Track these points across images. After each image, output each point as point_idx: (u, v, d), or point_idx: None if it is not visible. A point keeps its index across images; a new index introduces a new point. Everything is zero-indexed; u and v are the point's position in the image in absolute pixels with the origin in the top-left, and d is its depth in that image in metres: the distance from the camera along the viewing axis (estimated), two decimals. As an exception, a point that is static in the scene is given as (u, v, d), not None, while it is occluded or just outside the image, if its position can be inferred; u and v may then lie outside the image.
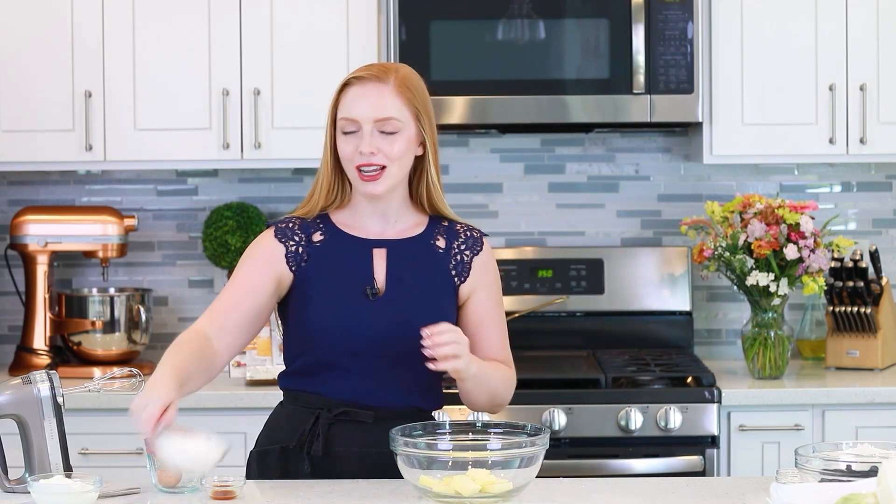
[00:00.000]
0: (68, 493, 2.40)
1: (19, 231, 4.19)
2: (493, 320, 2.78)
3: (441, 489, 2.41)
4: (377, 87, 2.67)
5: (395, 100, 2.67)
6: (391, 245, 2.73)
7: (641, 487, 2.64)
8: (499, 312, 2.80)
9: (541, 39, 4.00)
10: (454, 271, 2.75)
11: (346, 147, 2.69)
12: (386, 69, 2.70)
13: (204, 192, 4.44)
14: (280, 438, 2.75)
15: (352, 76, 2.71)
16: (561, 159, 4.44)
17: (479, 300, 2.77)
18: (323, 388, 2.72)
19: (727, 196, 4.33)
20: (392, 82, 2.68)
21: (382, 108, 2.66)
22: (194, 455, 2.46)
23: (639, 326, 4.32)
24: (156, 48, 4.05)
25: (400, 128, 2.67)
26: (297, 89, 4.06)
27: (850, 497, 2.16)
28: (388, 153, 2.66)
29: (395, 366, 2.69)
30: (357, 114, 2.67)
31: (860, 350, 4.13)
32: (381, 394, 2.69)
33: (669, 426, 3.76)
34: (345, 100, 2.70)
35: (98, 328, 4.14)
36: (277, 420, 2.82)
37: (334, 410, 2.69)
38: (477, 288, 2.77)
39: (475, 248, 2.78)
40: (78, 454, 3.74)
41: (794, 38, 4.05)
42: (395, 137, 2.67)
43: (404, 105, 2.68)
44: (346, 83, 2.71)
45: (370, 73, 2.69)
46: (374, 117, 2.66)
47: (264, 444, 2.80)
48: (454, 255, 2.77)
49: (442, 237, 2.78)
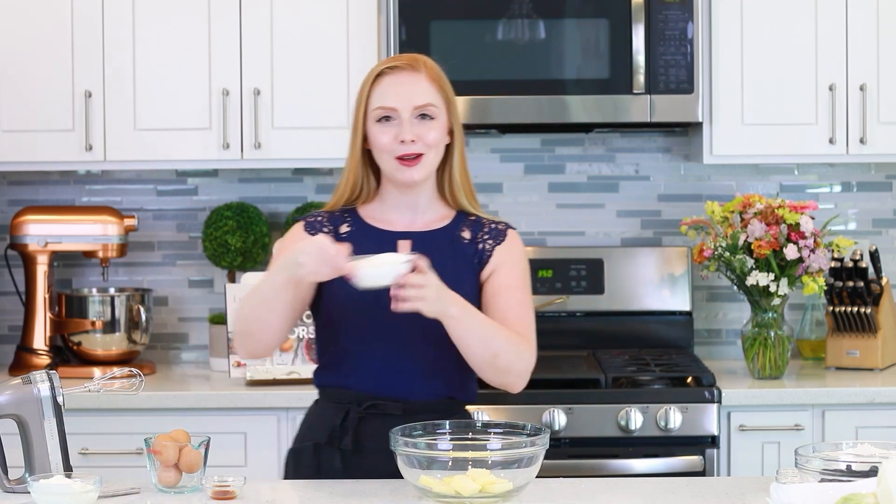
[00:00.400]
0: (68, 493, 2.40)
1: (19, 231, 4.19)
2: (510, 294, 2.75)
3: (441, 489, 2.42)
4: (412, 75, 2.72)
5: (429, 86, 2.72)
6: (416, 236, 2.75)
7: (641, 487, 2.64)
8: (518, 289, 2.77)
9: (541, 39, 4.00)
10: (476, 259, 2.76)
11: (383, 137, 2.71)
12: (415, 59, 2.75)
13: (204, 192, 4.44)
14: (313, 435, 2.76)
15: (384, 66, 2.74)
16: (561, 159, 4.44)
17: (499, 278, 2.76)
18: (352, 381, 2.73)
19: (727, 196, 4.33)
20: (423, 70, 2.73)
21: (420, 94, 2.71)
22: (387, 259, 2.54)
23: (639, 326, 4.32)
24: (156, 48, 4.05)
25: (436, 114, 2.72)
26: (297, 89, 4.06)
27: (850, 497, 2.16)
28: (426, 140, 2.70)
29: (422, 355, 2.70)
30: (395, 101, 2.70)
31: (860, 350, 4.13)
32: (408, 385, 2.69)
33: (669, 426, 3.76)
34: (379, 89, 2.72)
35: (98, 328, 4.14)
36: (311, 418, 2.83)
37: (363, 404, 2.70)
38: (497, 269, 2.77)
39: (498, 239, 2.79)
40: (78, 454, 3.74)
41: (794, 38, 4.05)
42: (432, 124, 2.71)
43: (437, 92, 2.73)
44: (379, 73, 2.73)
45: (402, 62, 2.74)
46: (414, 104, 2.70)
47: (299, 442, 2.81)
48: (477, 244, 2.78)
49: (468, 229, 2.80)
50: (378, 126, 2.72)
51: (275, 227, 4.38)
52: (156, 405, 3.81)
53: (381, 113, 2.71)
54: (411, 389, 2.71)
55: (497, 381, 2.72)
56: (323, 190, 4.41)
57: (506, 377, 2.71)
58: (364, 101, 2.73)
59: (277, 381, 3.93)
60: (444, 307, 2.59)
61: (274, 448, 3.81)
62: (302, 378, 3.91)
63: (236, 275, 4.28)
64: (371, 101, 2.72)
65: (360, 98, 2.74)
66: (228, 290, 4.05)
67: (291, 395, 3.81)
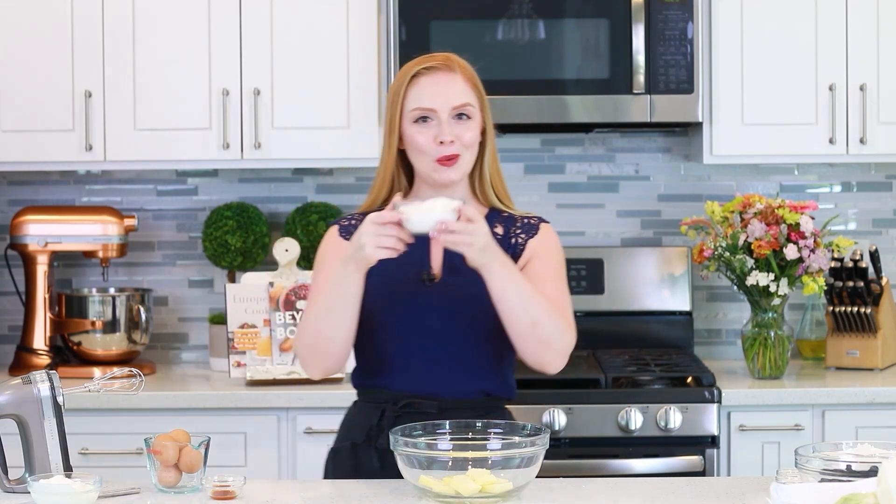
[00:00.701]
0: (68, 493, 2.40)
1: (19, 231, 4.19)
2: (544, 284, 2.71)
3: (441, 489, 2.41)
4: (448, 75, 2.73)
5: (465, 86, 2.74)
6: None
7: (641, 487, 2.64)
8: (552, 280, 2.74)
9: (541, 39, 4.00)
10: (510, 253, 2.74)
11: (421, 137, 2.71)
12: (449, 58, 2.76)
13: (204, 192, 4.44)
14: (351, 435, 2.76)
15: (420, 67, 2.73)
16: (561, 159, 4.44)
17: (533, 267, 2.75)
18: (388, 380, 2.73)
19: (727, 196, 4.33)
20: (459, 70, 2.74)
21: (457, 94, 2.72)
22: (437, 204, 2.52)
23: (639, 326, 4.32)
24: (156, 48, 4.05)
25: (473, 113, 2.73)
26: (297, 89, 4.06)
27: (850, 497, 2.16)
28: (464, 140, 2.71)
29: (457, 352, 2.70)
30: (433, 102, 2.70)
31: (860, 350, 4.13)
32: (444, 382, 2.68)
33: (669, 426, 3.76)
34: (415, 91, 2.72)
35: (98, 328, 4.14)
36: (350, 418, 2.83)
37: (399, 403, 2.70)
38: (532, 258, 2.76)
39: (531, 232, 2.79)
40: (78, 454, 3.74)
41: (794, 38, 4.05)
42: (469, 124, 2.72)
43: (472, 91, 2.75)
44: (415, 74, 2.73)
45: (437, 62, 2.74)
46: (452, 104, 2.71)
47: (338, 442, 2.82)
48: (510, 239, 2.77)
49: (500, 225, 2.79)
50: (415, 126, 2.71)
51: (275, 227, 4.38)
52: (156, 405, 3.81)
53: (419, 114, 2.70)
54: (447, 387, 2.69)
55: (536, 358, 2.67)
56: (323, 190, 4.41)
57: (545, 352, 2.66)
58: (400, 101, 2.72)
59: (277, 381, 3.93)
60: (489, 258, 2.56)
61: (274, 448, 3.81)
62: (302, 378, 3.91)
63: (236, 275, 4.28)
64: (407, 101, 2.71)
65: (396, 98, 2.73)
66: (228, 290, 4.05)
67: (291, 395, 3.82)
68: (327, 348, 2.67)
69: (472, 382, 2.73)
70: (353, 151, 4.05)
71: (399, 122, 2.73)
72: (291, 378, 3.93)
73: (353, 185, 4.42)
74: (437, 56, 2.77)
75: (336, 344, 2.67)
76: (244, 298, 4.03)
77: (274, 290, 4.01)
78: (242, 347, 4.01)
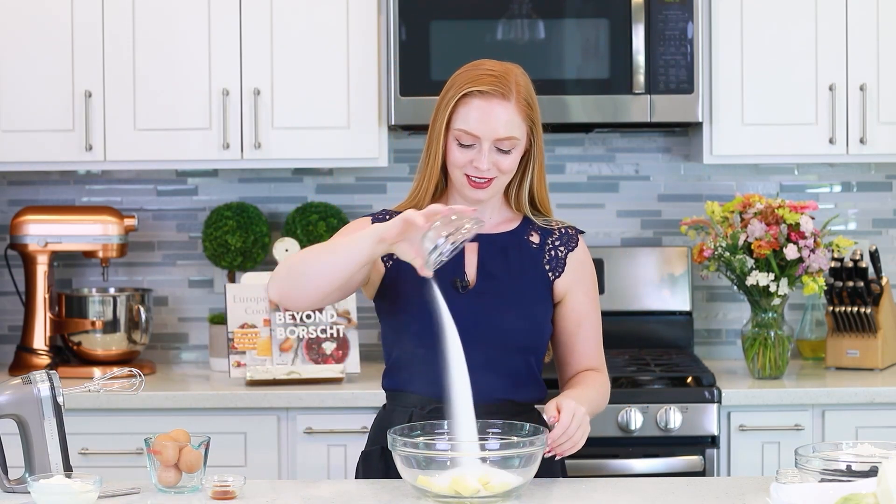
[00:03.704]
0: (68, 493, 2.40)
1: (19, 231, 4.19)
2: (591, 321, 2.78)
3: (440, 489, 2.41)
4: (501, 105, 2.66)
5: (516, 117, 2.67)
6: (483, 239, 2.73)
7: (641, 487, 2.64)
8: (596, 312, 2.81)
9: (541, 39, 4.01)
10: (548, 266, 2.75)
11: (461, 157, 2.68)
12: (507, 82, 2.67)
13: (204, 192, 4.44)
14: (382, 439, 2.74)
15: (475, 88, 2.66)
16: (561, 159, 4.44)
17: (578, 300, 2.77)
18: (416, 384, 2.73)
19: (727, 196, 4.33)
20: (514, 98, 2.67)
21: (504, 126, 2.66)
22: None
23: (639, 326, 4.32)
24: (156, 48, 4.05)
25: (516, 145, 2.68)
26: (297, 89, 4.06)
27: (850, 497, 2.16)
28: (501, 167, 2.68)
29: (488, 359, 2.68)
30: (479, 131, 2.66)
31: (860, 350, 4.13)
32: (473, 388, 2.63)
33: (669, 426, 3.76)
34: (465, 111, 2.67)
35: (98, 328, 4.14)
36: (380, 421, 2.82)
37: (427, 408, 2.70)
38: (574, 287, 2.77)
39: (570, 245, 2.79)
40: (78, 454, 3.74)
41: (794, 38, 4.05)
42: (509, 155, 2.68)
43: (523, 121, 2.69)
44: (468, 94, 2.67)
45: (494, 87, 2.66)
46: (496, 135, 2.66)
47: (369, 445, 2.81)
48: (548, 251, 2.77)
49: (536, 233, 2.79)
50: (457, 146, 2.68)
51: (275, 227, 4.38)
52: (156, 405, 3.81)
53: (463, 136, 2.67)
54: (476, 392, 2.66)
55: None
56: (323, 190, 4.41)
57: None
58: (447, 115, 2.68)
59: (277, 381, 3.93)
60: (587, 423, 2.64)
61: (274, 448, 3.81)
62: (302, 378, 3.91)
63: (236, 275, 4.28)
64: (454, 120, 2.68)
65: (443, 110, 2.69)
66: (228, 290, 4.05)
67: (291, 395, 3.82)
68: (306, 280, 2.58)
69: (500, 386, 2.71)
70: (353, 151, 4.05)
71: (444, 135, 2.69)
72: (291, 378, 3.93)
73: (354, 185, 4.42)
74: (494, 74, 2.68)
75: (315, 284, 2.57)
76: (244, 298, 4.03)
77: (274, 290, 4.00)
78: (242, 347, 4.01)
